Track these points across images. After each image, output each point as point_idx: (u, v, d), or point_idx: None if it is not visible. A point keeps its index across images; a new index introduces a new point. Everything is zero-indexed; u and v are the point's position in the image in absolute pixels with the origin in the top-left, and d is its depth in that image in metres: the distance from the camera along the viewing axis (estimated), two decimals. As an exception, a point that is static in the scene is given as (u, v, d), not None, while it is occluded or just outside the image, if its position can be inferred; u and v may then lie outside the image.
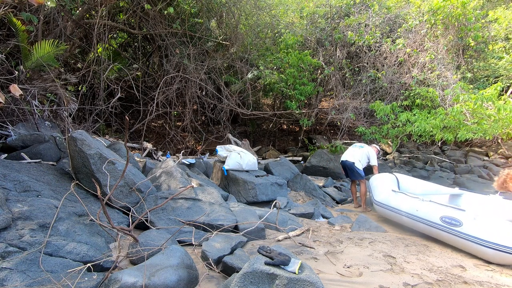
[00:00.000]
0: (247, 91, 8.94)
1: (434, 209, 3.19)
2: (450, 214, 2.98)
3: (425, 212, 3.23)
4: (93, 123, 6.53)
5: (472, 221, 2.79)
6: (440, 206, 3.20)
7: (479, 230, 2.69)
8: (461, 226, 2.82)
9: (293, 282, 1.53)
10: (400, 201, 3.65)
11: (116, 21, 7.68)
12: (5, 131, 4.09)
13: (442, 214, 3.04)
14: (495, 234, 2.60)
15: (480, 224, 2.74)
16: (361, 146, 4.91)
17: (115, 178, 2.90)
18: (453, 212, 3.00)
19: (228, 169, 4.43)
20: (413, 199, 3.55)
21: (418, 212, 3.30)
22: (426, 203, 3.35)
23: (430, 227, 3.13)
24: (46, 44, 4.49)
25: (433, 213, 3.13)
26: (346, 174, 4.98)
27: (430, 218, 3.15)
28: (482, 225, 2.71)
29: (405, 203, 3.57)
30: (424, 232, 3.31)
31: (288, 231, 2.98)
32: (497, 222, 2.73)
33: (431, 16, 7.91)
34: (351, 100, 8.81)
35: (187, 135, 8.75)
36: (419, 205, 3.37)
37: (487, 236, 2.62)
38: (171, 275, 1.78)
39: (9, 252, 1.81)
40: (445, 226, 2.95)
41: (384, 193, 3.97)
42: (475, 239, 2.68)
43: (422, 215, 3.24)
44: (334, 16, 9.40)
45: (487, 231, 2.65)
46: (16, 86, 2.77)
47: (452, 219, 2.93)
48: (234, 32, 8.76)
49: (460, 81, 7.45)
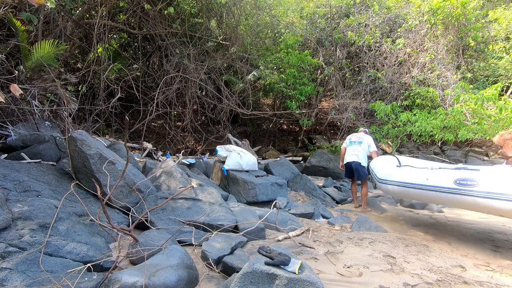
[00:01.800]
0: (247, 91, 8.94)
1: (446, 174, 3.02)
2: (464, 176, 2.82)
3: (436, 179, 3.06)
4: (93, 123, 6.53)
5: (489, 178, 2.66)
6: (452, 170, 3.04)
7: (498, 185, 2.56)
8: (478, 185, 2.68)
9: (293, 282, 1.53)
10: (407, 174, 3.47)
11: (116, 21, 7.68)
12: (5, 131, 4.09)
13: (456, 178, 2.87)
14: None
15: (498, 179, 2.61)
16: (359, 142, 4.75)
17: (115, 178, 2.90)
18: (468, 174, 2.84)
19: (228, 169, 4.43)
20: (421, 169, 3.40)
21: (429, 180, 3.12)
22: (436, 171, 3.19)
23: (444, 193, 2.95)
24: (46, 44, 4.49)
25: (446, 178, 2.97)
26: (350, 175, 4.82)
27: (442, 184, 2.97)
28: (500, 180, 2.58)
29: (413, 174, 3.39)
30: (435, 200, 3.17)
31: (288, 231, 2.98)
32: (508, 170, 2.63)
33: (431, 16, 7.92)
34: (351, 100, 8.81)
35: (187, 135, 8.75)
36: (429, 174, 3.19)
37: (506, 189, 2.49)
38: (171, 275, 1.78)
39: (9, 252, 1.81)
40: (460, 188, 2.79)
41: (388, 169, 3.79)
42: (494, 195, 2.54)
43: (434, 183, 3.06)
44: (334, 16, 9.40)
45: (507, 184, 2.52)
46: (16, 86, 2.77)
47: (467, 180, 2.77)
48: (234, 32, 8.76)
49: (461, 81, 7.45)
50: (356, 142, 4.75)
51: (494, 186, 2.59)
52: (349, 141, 4.84)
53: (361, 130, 5.11)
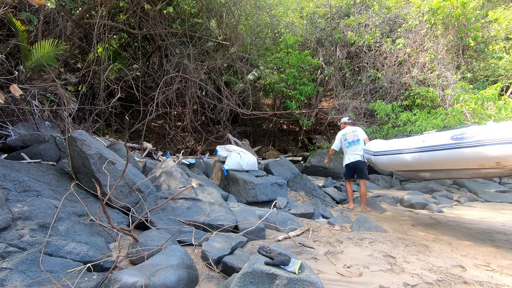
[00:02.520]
0: (247, 91, 8.94)
1: (442, 134, 3.11)
2: (461, 131, 2.91)
3: (433, 140, 3.12)
4: (93, 123, 6.53)
5: (485, 128, 2.74)
6: (448, 130, 3.13)
7: (496, 132, 2.61)
8: (474, 136, 2.74)
9: (293, 282, 1.53)
10: (403, 142, 3.53)
11: (116, 21, 7.69)
12: (5, 131, 4.09)
13: (452, 134, 2.94)
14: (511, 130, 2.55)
15: (494, 127, 2.69)
16: (357, 140, 4.69)
17: (115, 178, 2.90)
18: (463, 129, 2.94)
19: (228, 169, 4.43)
20: (418, 136, 3.47)
21: (425, 142, 3.18)
22: (431, 134, 3.27)
23: (441, 151, 2.99)
24: (46, 44, 4.50)
25: (442, 137, 3.04)
26: (352, 175, 4.79)
27: (439, 142, 3.03)
28: (497, 128, 2.66)
29: (409, 141, 3.45)
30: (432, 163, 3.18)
31: (288, 231, 2.98)
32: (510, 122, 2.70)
33: (431, 16, 7.92)
34: (351, 100, 8.82)
35: (187, 135, 8.75)
36: (425, 137, 3.26)
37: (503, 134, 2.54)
38: (171, 275, 1.78)
39: (9, 252, 1.81)
40: (457, 142, 2.84)
41: (383, 143, 3.86)
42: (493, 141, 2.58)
43: (430, 143, 3.11)
44: (334, 16, 9.40)
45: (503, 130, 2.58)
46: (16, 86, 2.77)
47: (463, 133, 2.86)
48: (234, 32, 8.76)
49: (460, 81, 7.45)
50: (355, 142, 4.72)
51: (493, 132, 2.64)
52: (347, 142, 4.78)
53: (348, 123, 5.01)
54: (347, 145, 4.77)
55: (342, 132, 4.92)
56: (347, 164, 4.72)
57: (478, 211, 4.82)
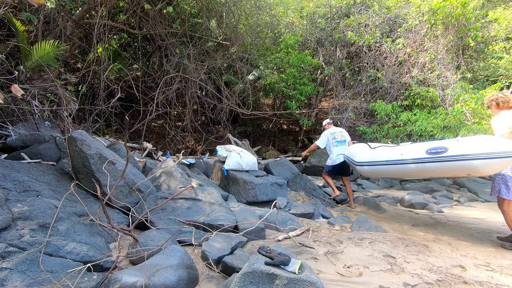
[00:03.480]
0: (247, 91, 8.95)
1: (418, 147, 3.36)
2: (435, 145, 3.16)
3: (410, 152, 3.38)
4: (93, 123, 6.53)
5: (456, 143, 2.99)
6: (423, 143, 3.39)
7: (464, 148, 2.88)
8: (447, 151, 2.99)
9: (293, 282, 1.53)
10: (382, 153, 3.83)
11: (116, 21, 7.69)
12: (5, 131, 4.09)
13: (427, 148, 3.20)
14: (479, 146, 2.79)
15: (463, 143, 2.94)
16: (344, 140, 4.89)
17: (115, 178, 2.90)
18: (437, 143, 3.19)
19: (228, 169, 4.43)
20: (395, 147, 3.78)
21: (403, 155, 3.45)
22: (409, 146, 3.53)
23: (417, 164, 3.27)
24: (46, 44, 4.49)
25: (418, 151, 3.29)
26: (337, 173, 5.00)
27: (416, 155, 3.28)
28: (466, 144, 2.91)
29: (388, 152, 3.75)
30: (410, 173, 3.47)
31: (288, 231, 2.98)
32: (477, 137, 2.97)
33: (431, 16, 7.92)
34: (351, 100, 8.82)
35: (187, 135, 8.76)
36: (403, 149, 3.52)
37: (472, 150, 2.80)
38: (171, 275, 1.78)
39: (9, 252, 1.81)
40: (431, 157, 3.11)
41: (364, 152, 4.13)
42: (462, 157, 2.86)
43: (408, 156, 3.38)
44: (334, 16, 9.40)
45: (472, 146, 2.84)
46: (17, 87, 2.77)
47: (437, 148, 3.10)
48: (234, 32, 8.77)
49: (461, 81, 7.45)
50: (342, 142, 4.90)
51: (463, 148, 2.90)
52: (335, 141, 4.91)
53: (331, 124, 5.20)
54: (336, 144, 4.93)
55: (329, 131, 5.06)
56: (336, 165, 4.87)
57: (478, 211, 4.82)
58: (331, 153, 4.96)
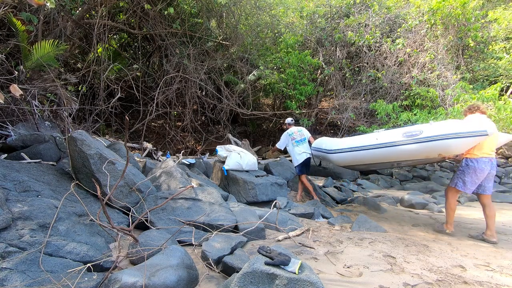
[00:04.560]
0: (247, 91, 8.95)
1: (393, 132, 3.55)
2: (411, 129, 3.37)
3: (386, 137, 3.53)
4: (93, 123, 6.52)
5: (430, 126, 3.23)
6: (399, 128, 3.59)
7: (437, 130, 3.14)
8: (422, 133, 3.21)
9: (293, 282, 1.53)
10: (357, 140, 3.91)
11: (116, 21, 7.69)
12: (5, 131, 4.09)
13: (404, 132, 3.40)
14: (449, 127, 3.09)
15: (437, 125, 3.22)
16: (304, 139, 4.97)
17: (115, 178, 2.90)
18: (413, 127, 3.42)
19: (228, 169, 4.43)
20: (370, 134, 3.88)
21: (378, 139, 3.57)
22: (383, 132, 3.67)
23: (393, 147, 3.43)
24: (46, 44, 4.49)
25: (394, 135, 3.47)
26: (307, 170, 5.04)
27: (392, 139, 3.45)
28: (438, 126, 3.19)
29: (362, 139, 3.84)
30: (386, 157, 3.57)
31: (288, 231, 2.98)
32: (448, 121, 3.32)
33: (431, 16, 7.92)
34: (351, 100, 8.82)
35: (187, 135, 8.76)
36: (378, 135, 3.65)
37: (444, 131, 3.07)
38: (171, 275, 1.78)
39: (9, 252, 1.81)
40: (408, 139, 3.30)
41: (337, 141, 4.22)
42: (435, 137, 3.10)
43: (383, 140, 3.52)
44: (334, 16, 9.40)
45: (443, 128, 3.12)
46: (16, 86, 2.77)
47: (413, 131, 3.31)
48: (234, 32, 8.77)
49: (460, 81, 7.45)
50: (302, 140, 4.98)
51: (437, 129, 3.15)
52: (295, 141, 4.98)
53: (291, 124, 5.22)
54: (296, 144, 4.97)
55: (288, 132, 5.10)
56: (301, 163, 4.90)
57: (478, 211, 4.81)
58: (293, 153, 4.99)
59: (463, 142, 3.00)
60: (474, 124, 3.03)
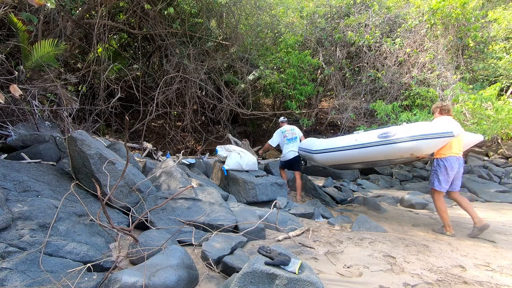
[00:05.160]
0: (247, 91, 8.95)
1: (370, 133, 3.84)
2: (385, 131, 3.66)
3: (363, 138, 3.83)
4: (93, 123, 6.52)
5: (402, 128, 3.49)
6: (374, 130, 3.91)
7: (409, 131, 3.37)
8: (395, 135, 3.47)
9: (293, 282, 1.53)
10: (338, 141, 4.25)
11: (116, 21, 7.69)
12: (5, 131, 4.09)
13: (379, 133, 3.68)
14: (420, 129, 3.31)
15: (408, 127, 3.44)
16: (295, 138, 5.14)
17: (115, 178, 2.90)
18: (387, 129, 3.69)
19: (228, 169, 4.43)
20: (350, 135, 4.19)
21: (357, 140, 3.88)
22: (362, 134, 3.99)
23: (370, 148, 3.71)
24: (46, 44, 4.49)
25: (371, 136, 3.76)
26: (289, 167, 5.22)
27: (368, 140, 3.74)
28: (410, 128, 3.42)
29: (343, 140, 4.17)
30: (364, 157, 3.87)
31: (288, 231, 2.98)
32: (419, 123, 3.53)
33: (431, 16, 7.91)
34: (351, 100, 8.81)
35: (187, 135, 8.76)
36: (357, 136, 3.97)
37: (415, 133, 3.31)
38: (171, 275, 1.78)
39: (9, 252, 1.81)
40: (382, 140, 3.57)
41: (321, 142, 4.56)
42: (408, 138, 3.34)
43: (361, 141, 3.82)
44: (334, 16, 9.40)
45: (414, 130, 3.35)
46: (16, 87, 2.77)
47: (386, 133, 3.59)
48: (234, 32, 8.77)
49: (460, 81, 7.45)
50: (293, 139, 5.16)
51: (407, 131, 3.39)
52: (286, 139, 5.15)
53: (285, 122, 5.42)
54: (287, 142, 5.16)
55: (281, 129, 5.30)
56: (287, 160, 5.11)
57: (478, 211, 4.81)
58: (283, 150, 5.20)
59: (432, 143, 3.23)
60: (442, 126, 3.25)
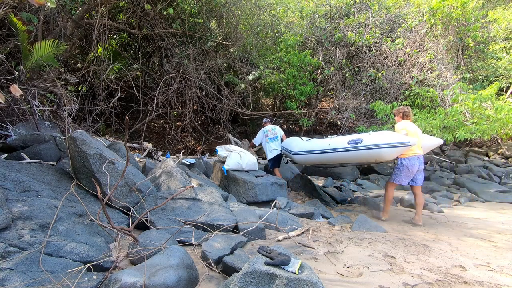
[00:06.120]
0: (247, 91, 8.94)
1: (342, 139, 4.22)
2: (353, 138, 4.05)
3: (336, 143, 4.23)
4: (93, 123, 6.52)
5: (369, 136, 3.87)
6: (346, 136, 4.30)
7: (374, 140, 3.76)
8: (362, 142, 3.86)
9: (293, 282, 1.53)
10: (314, 144, 4.64)
11: (116, 21, 7.68)
12: (5, 131, 4.09)
13: (348, 140, 4.07)
14: (383, 138, 3.69)
15: (374, 136, 3.82)
16: (276, 137, 5.48)
17: (115, 178, 2.90)
18: (355, 136, 4.08)
19: (228, 169, 4.43)
20: (324, 139, 4.60)
21: (330, 145, 4.28)
22: (335, 138, 4.39)
23: (341, 152, 4.12)
24: (46, 44, 4.49)
25: (342, 141, 4.15)
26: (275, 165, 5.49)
27: (340, 145, 4.13)
28: (375, 137, 3.80)
29: (319, 143, 4.57)
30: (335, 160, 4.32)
31: (288, 231, 2.98)
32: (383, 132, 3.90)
33: (431, 16, 7.91)
34: (351, 100, 8.81)
35: (187, 135, 8.75)
36: (330, 141, 4.37)
37: (379, 141, 3.69)
38: (171, 275, 1.78)
39: (9, 252, 1.81)
40: (351, 146, 3.97)
41: (300, 144, 4.92)
42: (373, 146, 3.73)
43: (334, 146, 4.22)
44: (334, 16, 9.40)
45: (379, 138, 3.73)
46: (16, 87, 2.77)
47: (355, 140, 3.97)
48: (234, 32, 8.76)
49: (460, 81, 7.45)
50: (274, 138, 5.50)
51: (373, 140, 3.78)
52: (268, 138, 5.51)
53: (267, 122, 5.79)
54: (268, 141, 5.50)
55: (263, 129, 5.66)
56: (272, 158, 5.46)
57: (478, 211, 4.82)
58: (266, 149, 5.53)
59: (392, 151, 3.66)
60: (401, 136, 3.68)
